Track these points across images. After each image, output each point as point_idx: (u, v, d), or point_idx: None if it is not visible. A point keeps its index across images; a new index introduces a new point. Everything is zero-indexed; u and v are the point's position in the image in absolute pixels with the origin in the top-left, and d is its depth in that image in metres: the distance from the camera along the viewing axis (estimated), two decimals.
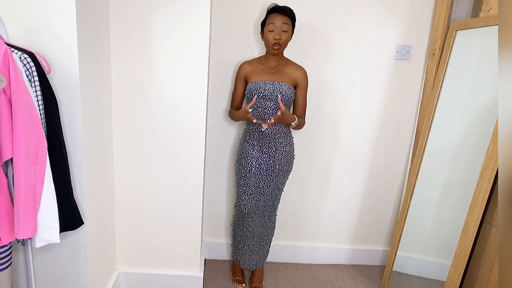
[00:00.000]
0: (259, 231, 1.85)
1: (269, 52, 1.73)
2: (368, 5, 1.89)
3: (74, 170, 1.34)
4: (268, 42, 1.68)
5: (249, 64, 1.79)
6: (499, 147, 1.01)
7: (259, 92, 1.70)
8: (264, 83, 1.71)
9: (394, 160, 2.13)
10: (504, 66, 1.00)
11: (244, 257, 1.92)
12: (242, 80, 1.80)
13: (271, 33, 1.65)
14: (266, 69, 1.75)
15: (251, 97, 1.72)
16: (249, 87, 1.74)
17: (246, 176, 1.79)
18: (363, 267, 2.25)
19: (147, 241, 1.80)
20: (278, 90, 1.69)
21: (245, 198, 1.81)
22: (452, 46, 1.75)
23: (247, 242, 1.87)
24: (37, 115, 1.10)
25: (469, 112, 1.65)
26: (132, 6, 1.52)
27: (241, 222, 1.87)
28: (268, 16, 1.67)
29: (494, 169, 1.42)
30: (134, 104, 1.62)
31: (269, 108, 1.70)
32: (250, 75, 1.77)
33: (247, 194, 1.80)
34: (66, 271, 1.45)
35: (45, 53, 1.22)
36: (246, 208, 1.82)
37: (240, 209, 1.86)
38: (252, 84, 1.74)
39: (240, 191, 1.83)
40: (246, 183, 1.80)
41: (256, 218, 1.82)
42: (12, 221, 1.12)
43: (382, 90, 2.01)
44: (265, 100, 1.70)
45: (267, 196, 1.80)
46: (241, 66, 1.79)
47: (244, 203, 1.81)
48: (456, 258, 1.54)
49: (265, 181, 1.77)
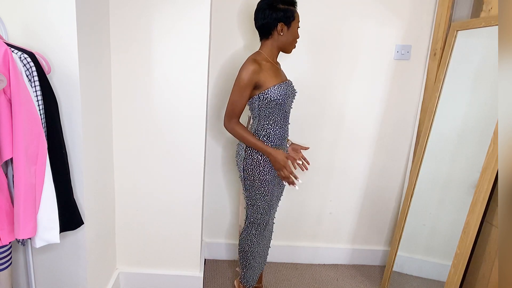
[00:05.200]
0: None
1: (286, 49, 1.56)
2: (369, 5, 1.89)
3: (74, 170, 1.34)
4: (295, 39, 1.54)
5: (257, 64, 1.46)
6: (499, 147, 1.01)
7: (290, 94, 1.53)
8: (289, 82, 1.56)
9: (394, 160, 2.12)
10: (504, 66, 1.00)
11: (258, 273, 1.79)
12: (253, 85, 1.47)
13: (298, 31, 1.54)
14: (277, 69, 1.55)
15: (280, 102, 1.49)
16: (279, 90, 1.47)
17: (270, 188, 1.59)
18: (363, 267, 2.25)
19: (147, 241, 1.80)
20: (294, 90, 1.60)
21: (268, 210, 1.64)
22: (453, 46, 1.75)
23: (263, 254, 1.76)
24: (37, 115, 1.10)
25: (470, 112, 1.65)
26: (132, 6, 1.52)
27: (260, 237, 1.68)
28: (295, 10, 1.50)
29: (495, 169, 1.42)
30: (134, 104, 1.62)
31: (290, 110, 1.61)
32: (264, 77, 1.47)
33: (271, 206, 1.63)
34: (66, 271, 1.45)
35: (45, 53, 1.22)
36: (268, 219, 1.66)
37: (263, 222, 1.65)
38: (283, 85, 1.50)
39: (265, 204, 1.61)
40: (270, 194, 1.60)
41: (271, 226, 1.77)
42: (12, 221, 1.12)
43: (382, 90, 2.01)
44: (291, 103, 1.59)
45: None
46: (251, 69, 1.45)
47: (267, 216, 1.65)
48: (456, 258, 1.53)
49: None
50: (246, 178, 1.58)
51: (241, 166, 1.59)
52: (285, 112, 1.56)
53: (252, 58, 1.49)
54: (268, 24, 1.49)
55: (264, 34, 1.54)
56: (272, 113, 1.52)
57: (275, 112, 1.52)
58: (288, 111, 1.59)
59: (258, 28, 1.54)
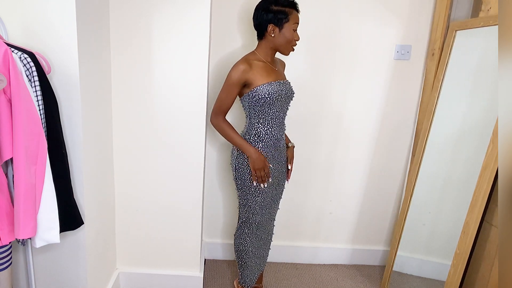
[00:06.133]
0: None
1: (280, 51, 1.54)
2: (368, 5, 1.89)
3: (74, 170, 1.34)
4: (288, 41, 1.50)
5: (248, 63, 1.48)
6: (499, 147, 1.01)
7: (284, 94, 1.53)
8: (286, 82, 1.57)
9: (394, 160, 2.12)
10: (504, 66, 1.00)
11: (256, 273, 1.79)
12: (242, 83, 1.50)
13: (295, 33, 1.50)
14: (271, 68, 1.55)
15: (269, 101, 1.49)
16: (272, 88, 1.48)
17: (261, 189, 1.60)
18: (363, 267, 2.25)
19: (147, 241, 1.80)
20: (291, 90, 1.60)
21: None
22: (452, 46, 1.75)
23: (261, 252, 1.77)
24: (37, 115, 1.10)
25: (469, 112, 1.65)
26: (132, 6, 1.52)
27: (254, 233, 1.69)
28: (290, 12, 1.47)
29: (494, 169, 1.42)
30: (134, 103, 1.62)
31: (285, 111, 1.61)
32: (254, 76, 1.49)
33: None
34: (66, 271, 1.45)
35: (45, 53, 1.22)
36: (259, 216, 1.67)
37: (255, 221, 1.66)
38: (275, 84, 1.50)
39: (256, 204, 1.62)
40: (262, 194, 1.61)
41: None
42: (12, 221, 1.12)
43: (382, 90, 2.01)
44: (286, 103, 1.57)
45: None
46: (241, 68, 1.47)
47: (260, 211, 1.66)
48: (456, 258, 1.54)
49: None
50: (237, 177, 1.59)
51: (233, 165, 1.61)
52: (277, 112, 1.55)
53: (244, 58, 1.53)
54: (260, 25, 1.51)
55: (258, 34, 1.56)
56: (262, 112, 1.52)
57: (265, 111, 1.52)
58: (282, 111, 1.57)
59: (254, 28, 1.57)
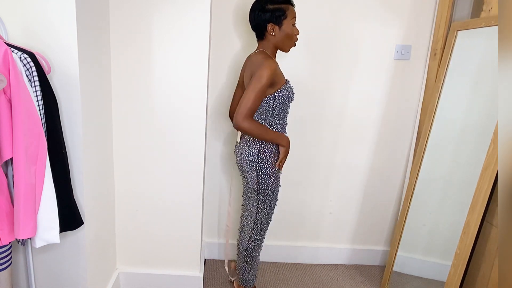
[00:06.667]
0: None
1: (282, 48, 1.53)
2: (369, 5, 1.89)
3: (74, 170, 1.34)
4: (290, 37, 1.48)
5: (276, 63, 1.45)
6: (499, 147, 1.01)
7: (292, 95, 1.53)
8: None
9: (394, 160, 2.12)
10: (504, 66, 1.00)
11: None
12: (270, 83, 1.44)
13: (294, 27, 1.48)
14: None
15: (290, 101, 1.51)
16: (290, 87, 1.51)
17: (277, 188, 1.62)
18: (363, 267, 2.25)
19: (147, 241, 1.80)
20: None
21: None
22: (453, 46, 1.75)
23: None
24: (37, 115, 1.10)
25: (470, 112, 1.65)
26: (132, 6, 1.52)
27: (262, 237, 1.72)
28: (287, 8, 1.46)
29: (495, 169, 1.42)
30: (134, 103, 1.62)
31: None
32: (279, 76, 1.46)
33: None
34: (66, 271, 1.45)
35: (45, 53, 1.22)
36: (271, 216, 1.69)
37: (268, 221, 1.68)
38: (289, 83, 1.52)
39: (273, 205, 1.65)
40: (277, 193, 1.64)
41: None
42: (12, 221, 1.12)
43: (382, 90, 2.01)
44: (288, 105, 1.57)
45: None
46: (274, 68, 1.41)
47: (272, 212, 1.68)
48: (456, 258, 1.53)
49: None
50: (261, 182, 1.55)
51: (254, 172, 1.54)
52: (288, 111, 1.59)
53: (269, 56, 1.47)
54: (259, 25, 1.49)
55: (258, 35, 1.55)
56: (281, 112, 1.54)
57: (284, 111, 1.54)
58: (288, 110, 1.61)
59: (252, 30, 1.56)
